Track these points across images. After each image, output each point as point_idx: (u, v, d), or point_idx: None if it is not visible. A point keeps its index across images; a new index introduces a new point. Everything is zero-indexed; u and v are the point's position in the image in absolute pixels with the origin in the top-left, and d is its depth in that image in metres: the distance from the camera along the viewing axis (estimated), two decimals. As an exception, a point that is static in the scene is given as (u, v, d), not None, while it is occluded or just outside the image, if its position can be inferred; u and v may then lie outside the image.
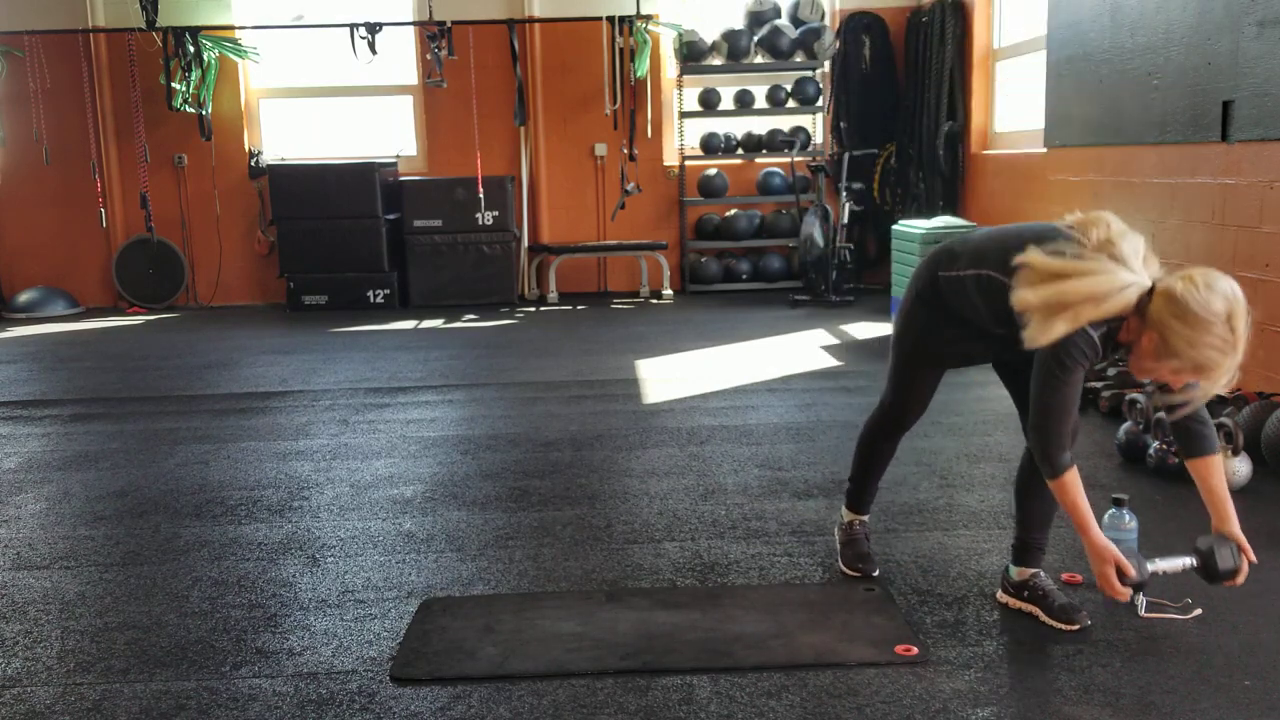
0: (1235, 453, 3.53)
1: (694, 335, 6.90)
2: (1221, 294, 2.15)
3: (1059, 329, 2.21)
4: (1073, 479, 2.35)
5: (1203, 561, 2.47)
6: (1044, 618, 2.61)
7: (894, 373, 2.78)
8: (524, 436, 4.49)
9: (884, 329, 6.83)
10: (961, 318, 2.57)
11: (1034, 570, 2.68)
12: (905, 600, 2.77)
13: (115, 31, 8.51)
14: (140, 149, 8.68)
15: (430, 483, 3.90)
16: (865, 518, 3.00)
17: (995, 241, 2.48)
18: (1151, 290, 2.22)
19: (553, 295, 8.72)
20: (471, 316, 8.03)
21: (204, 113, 8.49)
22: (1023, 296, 2.24)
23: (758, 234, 8.89)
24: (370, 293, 8.43)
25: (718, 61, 8.76)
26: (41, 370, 6.34)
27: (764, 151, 8.85)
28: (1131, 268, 2.22)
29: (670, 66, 8.89)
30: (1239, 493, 3.52)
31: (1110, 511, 2.78)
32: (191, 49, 8.29)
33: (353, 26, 8.22)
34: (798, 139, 8.57)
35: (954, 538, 3.21)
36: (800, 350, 6.29)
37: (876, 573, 2.91)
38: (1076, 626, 2.57)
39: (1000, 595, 2.74)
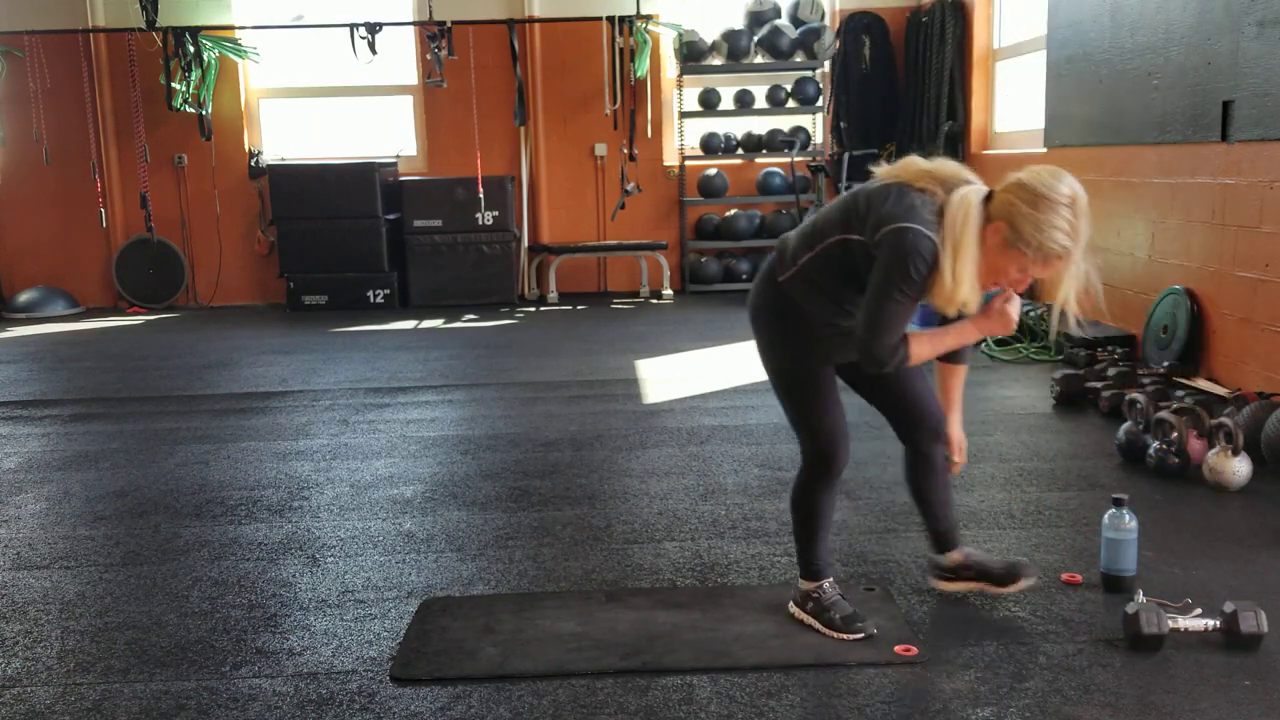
0: (1235, 453, 3.52)
1: (694, 335, 6.90)
2: (1066, 182, 2.25)
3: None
4: (915, 341, 2.34)
5: (1226, 625, 2.45)
6: (992, 589, 2.70)
7: (799, 410, 2.57)
8: (524, 436, 4.49)
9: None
10: (811, 316, 2.49)
11: (964, 551, 2.75)
12: (905, 600, 2.77)
13: (115, 31, 8.51)
14: (140, 149, 8.67)
15: (430, 483, 3.90)
16: (830, 579, 2.65)
17: (817, 221, 2.48)
18: (991, 194, 2.29)
19: (553, 295, 8.72)
20: (471, 316, 8.03)
21: (204, 113, 8.49)
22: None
23: (758, 234, 8.88)
24: (370, 293, 8.43)
25: (718, 61, 8.76)
26: (41, 370, 6.34)
27: (764, 151, 8.85)
28: (967, 180, 2.32)
29: (670, 66, 8.89)
30: (1239, 492, 3.53)
31: (1110, 512, 2.78)
32: (191, 49, 8.29)
33: (353, 26, 8.22)
34: (798, 139, 8.57)
35: (954, 538, 3.21)
36: (800, 350, 6.28)
37: (875, 631, 2.56)
38: (1021, 583, 2.67)
39: (939, 584, 2.78)
